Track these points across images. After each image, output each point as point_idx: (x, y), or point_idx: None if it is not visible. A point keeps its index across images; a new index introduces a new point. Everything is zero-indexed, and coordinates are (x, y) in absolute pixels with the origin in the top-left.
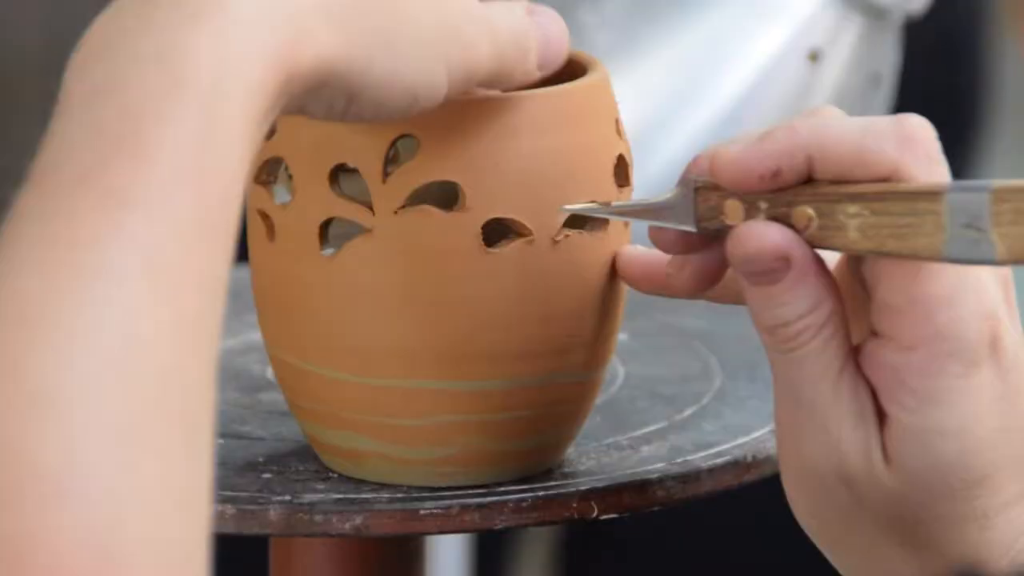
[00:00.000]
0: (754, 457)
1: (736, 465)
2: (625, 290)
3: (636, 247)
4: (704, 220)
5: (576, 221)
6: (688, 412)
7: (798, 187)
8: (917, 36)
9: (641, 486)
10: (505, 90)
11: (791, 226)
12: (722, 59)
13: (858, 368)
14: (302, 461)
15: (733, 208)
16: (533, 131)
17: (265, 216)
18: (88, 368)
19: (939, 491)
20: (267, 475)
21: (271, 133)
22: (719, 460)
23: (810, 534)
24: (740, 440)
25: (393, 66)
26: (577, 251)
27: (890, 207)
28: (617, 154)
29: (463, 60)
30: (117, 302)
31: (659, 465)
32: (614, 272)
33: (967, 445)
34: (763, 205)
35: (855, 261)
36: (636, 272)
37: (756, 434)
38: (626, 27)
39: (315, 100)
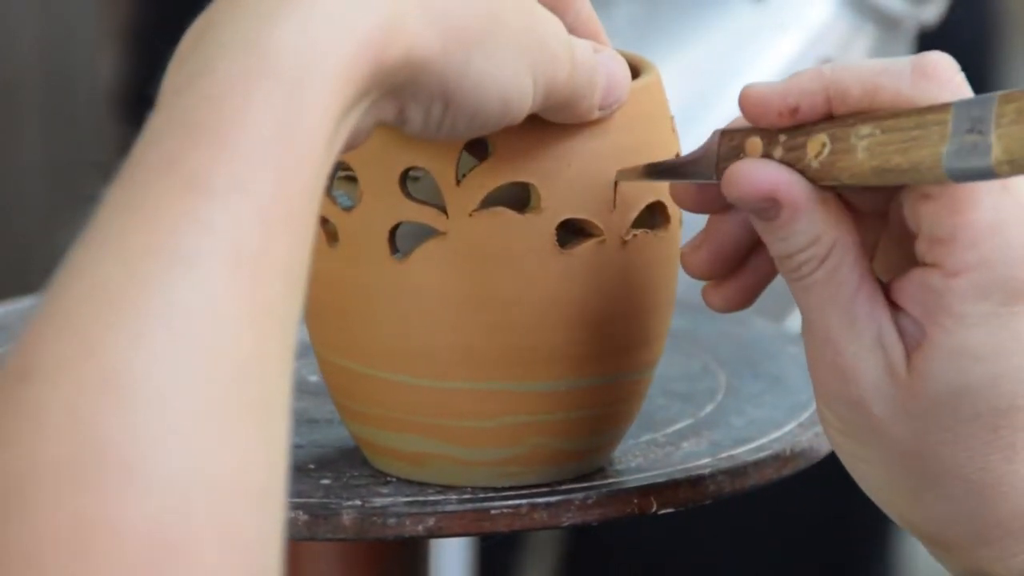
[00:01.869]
0: (791, 451)
1: (777, 459)
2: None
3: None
4: (724, 162)
5: (641, 220)
6: (709, 409)
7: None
8: (930, 46)
9: (695, 481)
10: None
11: (801, 159)
12: (733, 69)
13: (876, 294)
14: (353, 466)
15: (753, 144)
16: (603, 130)
17: (324, 221)
18: (164, 353)
19: (965, 414)
20: (325, 481)
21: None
22: (762, 454)
23: (839, 455)
24: (774, 435)
25: (489, 68)
26: (643, 250)
27: (901, 123)
28: (675, 152)
29: (546, 75)
30: (195, 288)
31: (706, 460)
32: (671, 270)
33: (999, 370)
34: (782, 138)
35: (898, 205)
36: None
37: (786, 428)
38: (637, 36)
39: (413, 104)
